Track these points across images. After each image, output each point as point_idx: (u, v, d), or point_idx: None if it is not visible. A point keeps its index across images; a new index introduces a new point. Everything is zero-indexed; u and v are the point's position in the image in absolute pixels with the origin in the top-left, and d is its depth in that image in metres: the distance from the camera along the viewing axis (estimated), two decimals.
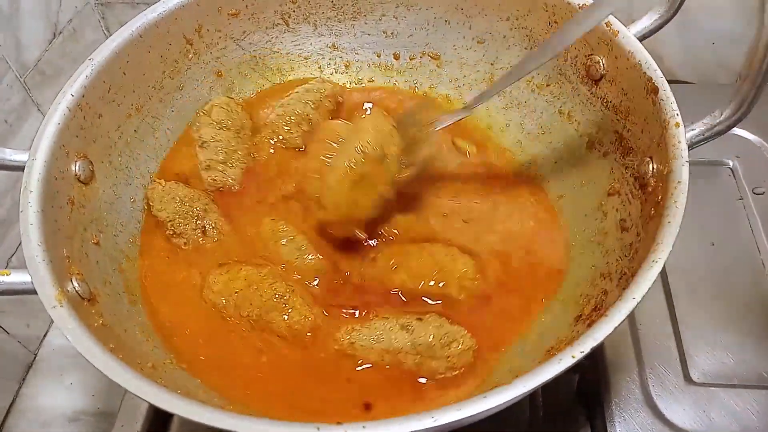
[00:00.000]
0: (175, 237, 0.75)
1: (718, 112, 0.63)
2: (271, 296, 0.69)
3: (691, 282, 0.83)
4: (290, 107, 0.86)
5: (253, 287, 0.69)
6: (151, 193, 0.77)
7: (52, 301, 0.54)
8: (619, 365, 0.76)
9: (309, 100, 0.86)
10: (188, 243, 0.75)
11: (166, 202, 0.76)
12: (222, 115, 0.84)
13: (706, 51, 1.10)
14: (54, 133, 0.65)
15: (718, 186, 0.93)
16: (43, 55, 0.98)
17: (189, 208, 0.76)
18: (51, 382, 0.94)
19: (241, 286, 0.70)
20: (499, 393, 0.47)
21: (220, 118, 0.83)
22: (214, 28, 0.84)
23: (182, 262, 0.75)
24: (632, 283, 0.53)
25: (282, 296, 0.69)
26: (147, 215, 0.77)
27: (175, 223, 0.75)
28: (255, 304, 0.69)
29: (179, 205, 0.76)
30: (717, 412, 0.72)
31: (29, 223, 0.59)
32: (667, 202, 0.57)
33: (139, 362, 0.59)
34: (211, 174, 0.81)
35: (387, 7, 0.89)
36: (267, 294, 0.69)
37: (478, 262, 0.72)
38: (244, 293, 0.69)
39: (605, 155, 0.75)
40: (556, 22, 0.78)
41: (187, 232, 0.75)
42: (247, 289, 0.69)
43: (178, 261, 0.75)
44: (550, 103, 0.84)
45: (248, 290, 0.69)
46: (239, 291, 0.70)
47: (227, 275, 0.71)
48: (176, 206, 0.76)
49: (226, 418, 0.47)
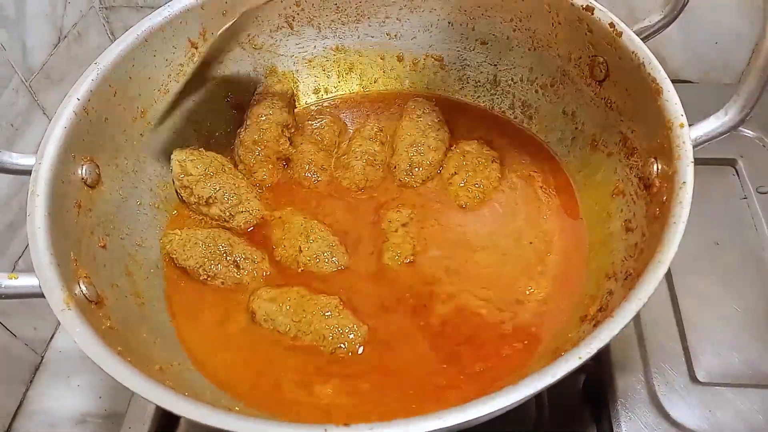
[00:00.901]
0: (211, 280, 0.74)
1: (722, 112, 0.62)
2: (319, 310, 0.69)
3: (695, 282, 0.83)
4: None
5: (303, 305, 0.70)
6: (170, 246, 0.76)
7: (60, 305, 0.55)
8: (625, 365, 0.76)
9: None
10: (225, 282, 0.75)
11: (188, 250, 0.75)
12: (198, 165, 0.80)
13: (710, 50, 1.10)
14: (60, 137, 0.66)
15: (722, 185, 0.93)
16: (48, 59, 0.99)
17: (214, 248, 0.75)
18: (58, 385, 0.94)
19: (292, 303, 0.70)
20: (506, 394, 0.47)
21: (200, 167, 0.80)
22: (218, 32, 0.84)
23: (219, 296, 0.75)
24: (638, 284, 0.53)
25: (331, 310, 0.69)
26: (169, 269, 0.76)
27: (206, 267, 0.74)
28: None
29: (204, 248, 0.75)
30: (723, 411, 0.72)
31: (36, 227, 0.59)
32: (672, 203, 0.57)
33: (147, 364, 0.59)
34: (239, 219, 0.80)
35: (390, 10, 0.89)
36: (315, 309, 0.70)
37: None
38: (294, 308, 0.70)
39: (609, 156, 0.75)
40: (560, 23, 0.78)
41: (221, 272, 0.74)
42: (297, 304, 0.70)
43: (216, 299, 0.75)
44: (554, 104, 0.84)
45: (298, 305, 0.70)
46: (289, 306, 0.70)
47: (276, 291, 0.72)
48: (201, 250, 0.75)
49: (233, 420, 0.48)
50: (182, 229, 0.77)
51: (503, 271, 0.74)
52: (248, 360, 0.68)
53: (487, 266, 0.74)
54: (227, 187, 0.79)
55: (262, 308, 0.70)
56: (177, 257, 0.75)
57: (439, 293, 0.72)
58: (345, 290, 0.73)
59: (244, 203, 0.80)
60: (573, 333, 0.64)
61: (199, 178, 0.79)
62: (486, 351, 0.67)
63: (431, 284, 0.73)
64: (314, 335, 0.68)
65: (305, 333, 0.68)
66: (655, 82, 0.65)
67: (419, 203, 0.81)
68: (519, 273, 0.74)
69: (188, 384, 0.63)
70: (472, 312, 0.70)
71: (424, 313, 0.70)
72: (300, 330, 0.68)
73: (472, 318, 0.70)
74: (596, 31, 0.73)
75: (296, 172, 0.85)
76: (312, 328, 0.68)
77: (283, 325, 0.69)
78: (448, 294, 0.72)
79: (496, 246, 0.76)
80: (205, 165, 0.80)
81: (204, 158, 0.81)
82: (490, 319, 0.70)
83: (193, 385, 0.64)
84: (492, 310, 0.70)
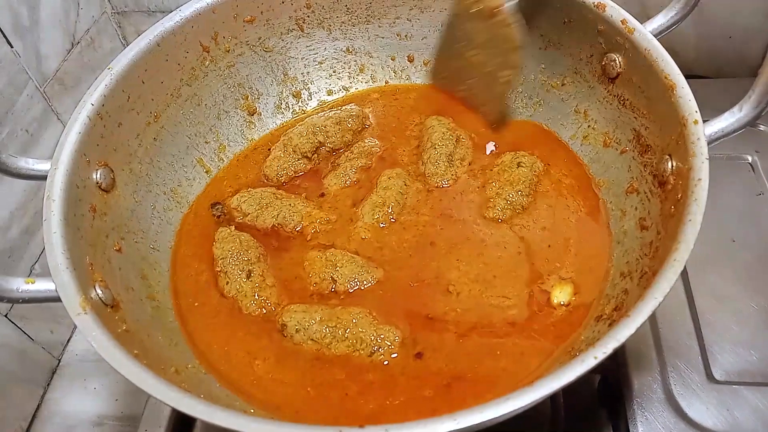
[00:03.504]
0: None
1: (737, 108, 0.62)
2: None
3: (712, 279, 0.82)
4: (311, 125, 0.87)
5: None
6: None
7: (76, 308, 0.55)
8: (641, 364, 0.75)
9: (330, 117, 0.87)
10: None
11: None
12: (252, 202, 0.81)
13: (724, 45, 1.08)
14: (75, 142, 0.67)
15: (738, 181, 0.92)
16: (61, 65, 1.00)
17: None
18: (75, 387, 0.95)
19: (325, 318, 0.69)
20: (521, 395, 0.47)
21: (253, 204, 0.81)
22: (230, 35, 0.85)
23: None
24: (654, 283, 0.52)
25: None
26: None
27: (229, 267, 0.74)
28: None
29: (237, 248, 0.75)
30: (741, 410, 0.71)
31: (53, 232, 0.60)
32: (687, 200, 0.57)
33: (162, 367, 0.60)
34: (308, 230, 0.79)
35: (400, 10, 0.89)
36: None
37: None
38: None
39: (622, 153, 0.75)
40: (571, 21, 0.78)
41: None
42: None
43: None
44: (565, 102, 0.84)
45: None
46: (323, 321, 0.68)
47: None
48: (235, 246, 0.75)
49: (249, 423, 0.48)
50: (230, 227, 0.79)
51: (519, 272, 0.73)
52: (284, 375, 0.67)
53: (505, 267, 0.73)
54: (285, 209, 0.80)
55: (294, 318, 0.68)
56: (214, 245, 0.76)
57: (462, 295, 0.71)
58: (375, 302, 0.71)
59: (305, 217, 0.80)
60: (588, 333, 0.64)
61: (257, 213, 0.80)
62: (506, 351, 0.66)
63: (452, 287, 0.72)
64: (351, 340, 0.66)
65: (341, 339, 0.67)
66: (668, 78, 0.65)
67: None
68: (537, 271, 0.72)
69: (204, 386, 0.64)
70: (493, 314, 0.69)
71: (448, 318, 0.69)
72: (336, 337, 0.67)
73: (493, 321, 0.69)
74: (608, 28, 0.73)
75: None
76: (348, 333, 0.67)
77: (317, 332, 0.67)
78: (470, 297, 0.71)
79: (516, 247, 0.75)
80: (257, 200, 0.81)
81: (254, 194, 0.82)
82: (511, 320, 0.69)
83: (209, 387, 0.64)
84: (511, 311, 0.69)
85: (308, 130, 0.86)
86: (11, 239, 0.90)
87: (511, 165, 0.80)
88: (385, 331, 0.67)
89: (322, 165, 0.87)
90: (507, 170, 0.80)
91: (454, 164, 0.83)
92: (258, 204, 0.81)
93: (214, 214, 0.82)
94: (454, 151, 0.84)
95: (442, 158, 0.82)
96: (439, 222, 0.78)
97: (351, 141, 0.88)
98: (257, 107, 0.91)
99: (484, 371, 0.64)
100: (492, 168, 0.82)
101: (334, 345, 0.67)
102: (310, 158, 0.86)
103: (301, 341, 0.67)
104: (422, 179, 0.82)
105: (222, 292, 0.73)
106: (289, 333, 0.68)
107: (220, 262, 0.74)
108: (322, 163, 0.87)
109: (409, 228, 0.78)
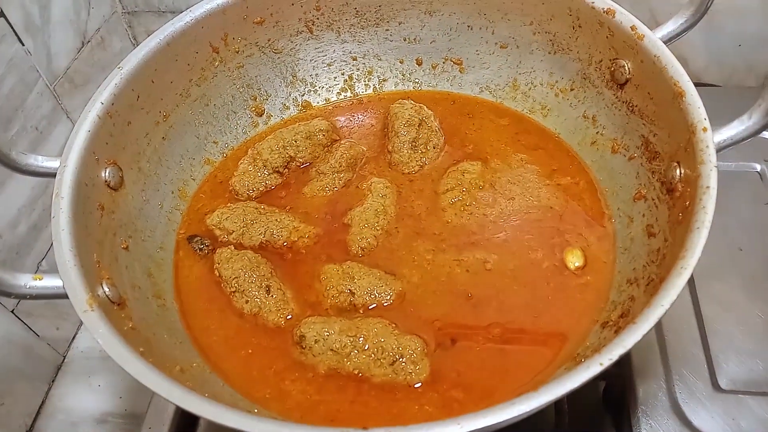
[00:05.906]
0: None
1: (746, 116, 0.62)
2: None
3: (718, 288, 0.82)
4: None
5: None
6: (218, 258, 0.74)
7: (83, 306, 0.56)
8: (646, 372, 0.75)
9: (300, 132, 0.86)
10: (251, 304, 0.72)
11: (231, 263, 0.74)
12: (235, 219, 0.78)
13: (733, 53, 1.08)
14: (84, 140, 0.67)
15: (746, 190, 0.92)
16: (72, 64, 1.00)
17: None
18: (79, 384, 0.96)
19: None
20: (526, 400, 0.47)
21: (237, 221, 0.78)
22: (239, 36, 0.85)
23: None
24: (660, 290, 0.52)
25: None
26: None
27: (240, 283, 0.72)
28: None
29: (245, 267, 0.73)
30: (746, 420, 0.71)
31: (61, 229, 0.60)
32: (695, 208, 0.57)
33: (168, 365, 0.60)
34: (300, 244, 0.77)
35: (409, 14, 0.89)
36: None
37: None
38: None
39: (631, 160, 0.74)
40: (580, 26, 0.78)
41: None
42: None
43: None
44: (574, 108, 0.84)
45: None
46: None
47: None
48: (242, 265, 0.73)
49: (253, 422, 0.48)
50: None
51: (530, 273, 0.73)
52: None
53: (515, 270, 0.73)
54: (273, 225, 0.77)
55: (312, 329, 0.66)
56: (219, 267, 0.74)
57: (477, 301, 0.71)
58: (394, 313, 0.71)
59: (293, 232, 0.77)
60: (594, 339, 0.64)
61: (242, 230, 0.77)
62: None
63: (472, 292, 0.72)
64: (371, 350, 0.65)
65: (361, 349, 0.65)
66: (677, 85, 0.65)
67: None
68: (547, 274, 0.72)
69: (208, 385, 0.64)
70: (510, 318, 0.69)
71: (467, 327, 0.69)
72: (356, 346, 0.65)
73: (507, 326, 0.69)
74: (617, 34, 0.73)
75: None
76: (369, 342, 0.65)
77: (338, 342, 0.65)
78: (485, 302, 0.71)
79: (524, 248, 0.75)
80: (239, 216, 0.78)
81: (236, 210, 0.79)
82: (522, 325, 0.68)
83: (214, 386, 0.64)
84: (524, 316, 0.69)
85: (279, 144, 0.84)
86: (19, 235, 0.90)
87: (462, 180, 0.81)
88: (407, 341, 0.65)
89: (291, 179, 0.85)
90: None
91: (418, 149, 0.84)
92: (242, 221, 0.77)
93: (195, 248, 0.77)
94: (417, 137, 0.84)
95: (405, 145, 0.84)
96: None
97: (321, 155, 0.86)
98: (265, 108, 0.91)
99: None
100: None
101: (354, 355, 0.65)
102: (281, 173, 0.84)
103: (320, 352, 0.66)
104: (396, 169, 0.84)
105: (241, 312, 0.71)
106: (308, 344, 0.66)
107: (233, 282, 0.72)
108: (291, 177, 0.85)
109: (409, 232, 0.78)
